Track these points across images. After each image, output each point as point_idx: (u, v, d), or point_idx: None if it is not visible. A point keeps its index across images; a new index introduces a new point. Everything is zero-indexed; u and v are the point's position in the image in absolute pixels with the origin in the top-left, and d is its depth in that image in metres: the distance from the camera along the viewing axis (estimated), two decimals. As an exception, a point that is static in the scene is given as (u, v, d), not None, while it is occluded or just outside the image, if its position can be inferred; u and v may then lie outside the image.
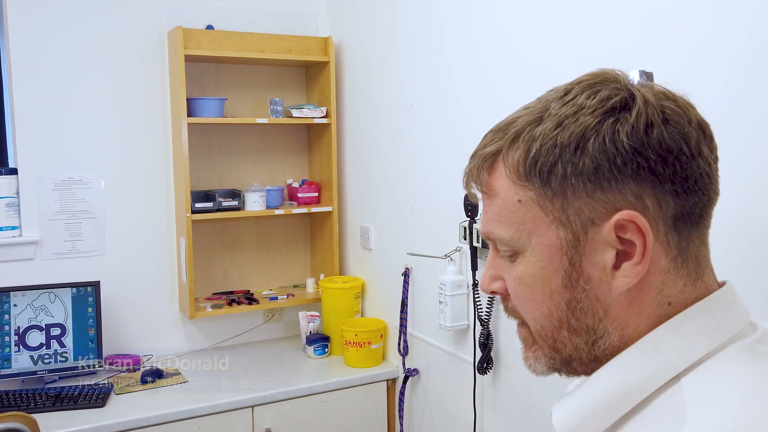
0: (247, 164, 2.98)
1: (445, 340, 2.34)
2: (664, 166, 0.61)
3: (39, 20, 2.55)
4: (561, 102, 0.65)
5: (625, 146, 0.61)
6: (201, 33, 2.67)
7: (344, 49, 2.91)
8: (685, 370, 0.61)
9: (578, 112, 0.63)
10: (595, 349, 0.66)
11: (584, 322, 0.66)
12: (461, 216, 2.09)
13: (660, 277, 0.64)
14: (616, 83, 0.65)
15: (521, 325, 0.72)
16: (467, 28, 2.12)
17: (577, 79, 0.67)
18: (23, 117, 2.56)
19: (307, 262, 3.17)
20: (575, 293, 0.65)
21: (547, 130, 0.64)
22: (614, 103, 0.63)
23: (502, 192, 0.67)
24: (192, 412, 2.30)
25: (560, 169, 0.63)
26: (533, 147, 0.64)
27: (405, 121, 2.49)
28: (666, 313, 0.64)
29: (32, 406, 2.23)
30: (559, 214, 0.64)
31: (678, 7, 1.41)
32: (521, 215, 0.66)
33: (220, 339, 2.95)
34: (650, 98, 0.63)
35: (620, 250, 0.63)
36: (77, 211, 2.66)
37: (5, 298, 2.46)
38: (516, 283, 0.69)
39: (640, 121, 0.62)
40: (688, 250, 0.64)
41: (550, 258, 0.65)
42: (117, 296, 2.73)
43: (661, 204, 0.62)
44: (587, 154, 0.62)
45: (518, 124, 0.67)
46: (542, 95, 0.69)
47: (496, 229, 0.69)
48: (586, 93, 0.64)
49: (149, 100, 2.76)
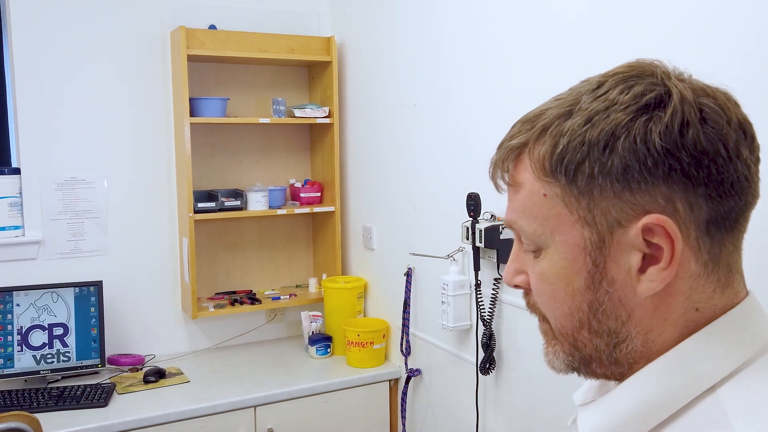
0: (249, 164, 2.98)
1: (447, 340, 2.34)
2: (698, 169, 0.58)
3: (42, 20, 2.56)
4: (593, 96, 0.62)
5: (657, 147, 0.58)
6: (203, 33, 2.67)
7: (347, 49, 2.90)
8: (720, 381, 0.59)
9: (609, 108, 0.60)
10: (616, 351, 0.64)
11: (606, 324, 0.63)
12: (464, 216, 2.09)
13: (689, 283, 0.61)
14: (652, 77, 0.61)
15: (543, 320, 0.70)
16: (470, 28, 2.12)
17: (613, 70, 0.64)
18: (26, 116, 2.56)
19: (310, 262, 3.16)
20: (598, 295, 0.63)
21: (575, 126, 0.61)
22: (648, 99, 0.59)
23: (527, 185, 0.65)
24: (194, 412, 2.30)
25: (587, 168, 0.60)
26: (560, 143, 0.61)
27: (407, 121, 2.49)
28: (693, 319, 0.62)
29: (35, 406, 2.24)
30: (585, 213, 0.62)
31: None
32: (546, 210, 0.64)
33: (222, 339, 2.95)
34: (688, 95, 0.60)
35: (647, 253, 0.60)
36: (80, 210, 2.66)
37: (8, 298, 2.46)
38: (538, 279, 0.67)
39: (675, 121, 0.58)
40: (720, 255, 0.62)
41: (573, 257, 0.63)
42: (119, 296, 2.73)
43: (693, 208, 0.59)
44: (617, 153, 0.59)
45: (547, 117, 0.64)
46: (574, 86, 0.66)
47: (519, 219, 0.66)
48: (620, 87, 0.61)
49: (152, 100, 2.76)
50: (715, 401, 0.59)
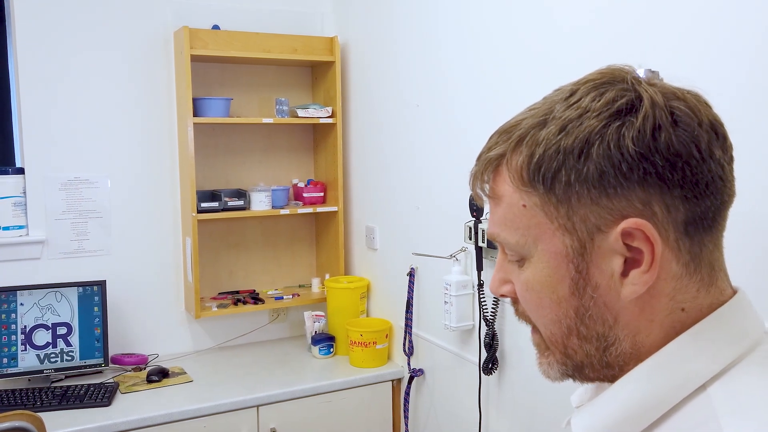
0: (252, 164, 2.99)
1: (450, 340, 2.34)
2: (672, 172, 0.59)
3: (46, 20, 2.56)
4: (566, 104, 0.63)
5: (631, 152, 0.59)
6: (207, 33, 2.68)
7: (350, 49, 2.90)
8: (710, 380, 0.60)
9: (583, 116, 0.61)
10: (606, 355, 0.65)
11: (594, 329, 0.64)
12: (466, 216, 2.09)
13: (671, 284, 0.62)
14: (623, 83, 0.62)
15: (534, 331, 0.71)
16: (472, 30, 2.12)
17: (585, 77, 0.65)
18: (30, 116, 2.57)
19: (313, 261, 3.17)
20: (583, 301, 0.63)
21: (550, 135, 0.62)
22: (620, 105, 0.60)
23: (507, 196, 0.66)
24: (197, 411, 2.31)
25: (564, 176, 0.61)
26: (536, 152, 0.62)
27: (410, 121, 2.49)
28: (680, 319, 0.63)
29: (38, 405, 2.24)
30: (564, 221, 0.62)
31: (683, 4, 1.40)
32: (526, 220, 0.65)
33: (225, 338, 2.95)
34: (658, 99, 0.60)
35: (628, 257, 0.61)
36: (83, 210, 2.67)
37: (12, 297, 2.47)
38: (524, 288, 0.68)
39: (647, 125, 0.59)
40: (701, 255, 0.62)
41: (556, 265, 0.64)
42: (123, 295, 2.74)
43: (670, 210, 0.60)
44: (592, 160, 0.60)
45: (522, 127, 0.64)
46: (548, 95, 0.67)
47: (502, 232, 0.67)
48: (592, 95, 0.62)
49: (155, 100, 2.76)
50: (705, 400, 0.59)
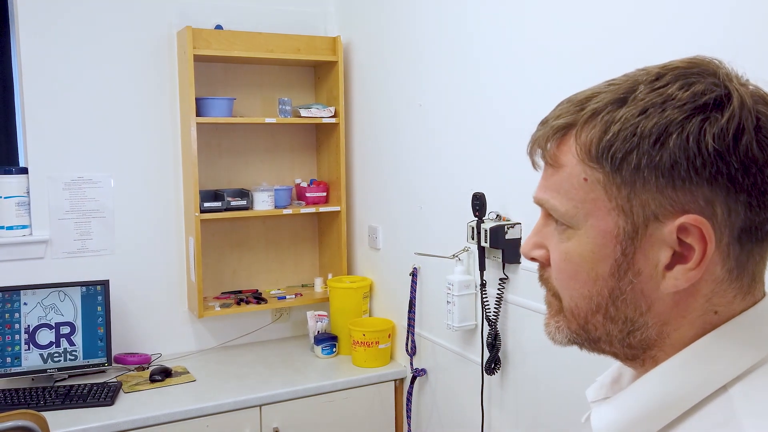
0: (255, 164, 2.99)
1: (452, 340, 2.34)
2: (744, 176, 0.58)
3: (49, 20, 2.57)
4: (650, 87, 0.61)
5: (709, 149, 0.57)
6: (210, 33, 2.68)
7: (353, 49, 2.91)
8: (732, 381, 0.60)
9: (666, 102, 0.59)
10: (629, 338, 0.65)
11: (623, 312, 0.64)
12: (469, 216, 2.09)
13: (711, 286, 0.62)
14: (714, 77, 0.60)
15: (553, 295, 0.70)
16: (476, 27, 2.12)
17: (672, 63, 0.63)
18: (34, 116, 2.58)
19: (315, 261, 3.17)
20: (621, 284, 0.63)
21: (629, 115, 0.60)
22: (707, 99, 0.59)
23: (569, 166, 0.64)
24: (200, 411, 2.31)
25: (635, 159, 0.60)
26: (611, 130, 0.61)
27: (413, 121, 2.49)
28: (711, 321, 0.63)
29: (42, 404, 2.25)
30: (623, 202, 0.61)
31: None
32: (583, 194, 0.63)
33: (228, 338, 2.95)
34: (747, 101, 0.59)
35: (677, 251, 0.61)
36: (87, 210, 2.67)
37: (15, 297, 2.48)
38: (561, 257, 0.67)
39: (731, 125, 0.58)
40: (746, 264, 0.62)
41: (603, 243, 0.63)
42: (126, 295, 2.75)
43: (731, 214, 0.59)
44: (667, 149, 0.58)
45: (599, 101, 0.63)
46: (630, 72, 0.65)
47: (552, 199, 0.66)
48: (680, 83, 0.60)
49: (158, 100, 2.77)
50: (726, 401, 0.59)
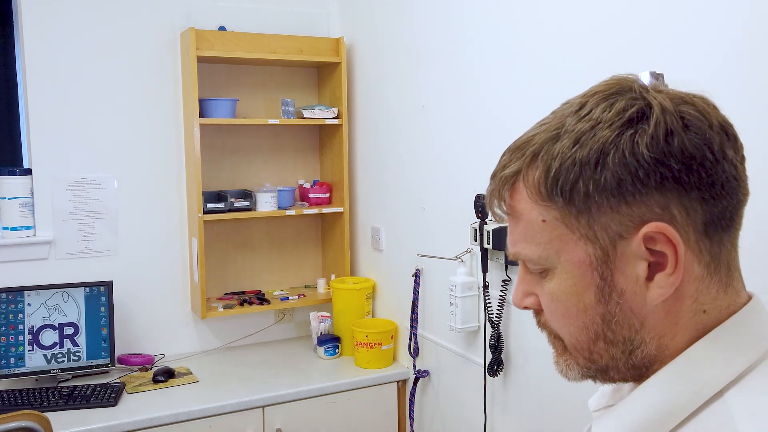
0: (258, 165, 2.99)
1: (455, 341, 2.34)
2: (688, 174, 0.61)
3: (53, 22, 2.58)
4: (577, 117, 0.64)
5: (646, 158, 0.60)
6: (213, 34, 2.68)
7: (356, 50, 2.91)
8: (727, 385, 0.61)
9: (595, 127, 0.62)
10: (632, 358, 0.66)
11: (620, 333, 0.65)
12: (472, 217, 2.09)
13: (694, 285, 0.63)
14: (631, 92, 0.64)
15: (554, 337, 0.72)
16: (479, 28, 2.12)
17: (591, 89, 0.66)
18: (38, 118, 2.58)
19: (318, 262, 3.17)
20: (609, 307, 0.65)
21: (565, 148, 0.63)
22: (631, 114, 0.62)
23: (526, 213, 0.67)
24: (203, 411, 2.31)
25: (582, 187, 0.62)
26: (553, 166, 0.63)
27: (416, 122, 2.48)
28: (702, 321, 0.64)
29: (45, 405, 2.25)
30: (586, 230, 0.64)
31: (688, 5, 1.40)
32: (547, 234, 0.66)
33: (231, 339, 2.96)
34: (668, 105, 0.62)
35: (652, 261, 0.62)
36: (90, 211, 2.68)
37: (19, 298, 2.48)
38: (549, 299, 0.69)
39: (659, 131, 0.60)
40: (720, 255, 0.64)
41: (581, 274, 0.65)
42: (129, 296, 2.75)
43: (689, 212, 0.61)
44: (608, 169, 0.61)
45: (535, 142, 0.66)
46: (557, 109, 0.68)
47: (523, 249, 0.68)
48: (602, 106, 0.63)
49: (162, 101, 2.77)
50: (721, 406, 0.60)
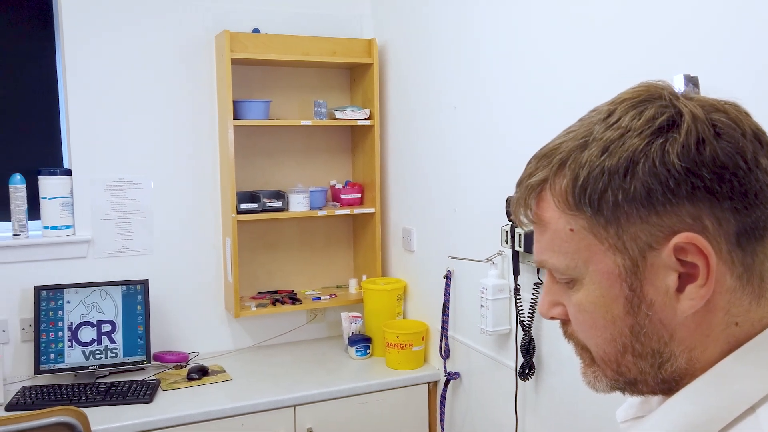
0: (291, 165, 3.02)
1: (486, 344, 2.32)
2: (720, 184, 0.59)
3: (92, 27, 2.63)
4: (605, 124, 0.62)
5: (677, 167, 0.58)
6: (247, 36, 2.71)
7: (388, 51, 2.91)
8: (760, 401, 0.59)
9: (624, 135, 0.61)
10: (661, 372, 0.64)
11: (649, 346, 0.64)
12: (503, 219, 2.07)
13: (726, 297, 0.61)
14: (661, 100, 0.62)
15: (582, 349, 0.71)
16: (511, 31, 2.10)
17: (620, 96, 0.65)
18: (77, 120, 2.65)
19: (350, 262, 3.18)
20: (638, 319, 0.63)
21: (593, 156, 0.61)
22: (661, 122, 0.60)
23: (553, 222, 0.65)
24: (235, 410, 2.34)
25: (611, 196, 0.60)
26: (581, 174, 0.62)
27: (448, 123, 2.48)
28: (734, 334, 0.62)
29: (83, 400, 2.31)
30: (615, 241, 0.62)
31: (724, 9, 1.37)
32: (575, 244, 0.64)
33: (264, 338, 2.99)
34: (699, 113, 0.60)
35: (682, 272, 0.60)
36: (127, 210, 2.74)
37: (59, 295, 2.55)
38: (576, 310, 0.67)
39: (690, 139, 0.59)
40: (753, 266, 0.62)
41: (609, 285, 0.63)
42: (165, 294, 2.80)
43: (721, 222, 0.59)
44: (638, 178, 0.59)
45: (563, 150, 0.64)
46: (584, 116, 0.67)
47: (550, 258, 0.67)
48: (631, 113, 0.62)
49: (197, 103, 2.82)
50: (754, 422, 0.58)
